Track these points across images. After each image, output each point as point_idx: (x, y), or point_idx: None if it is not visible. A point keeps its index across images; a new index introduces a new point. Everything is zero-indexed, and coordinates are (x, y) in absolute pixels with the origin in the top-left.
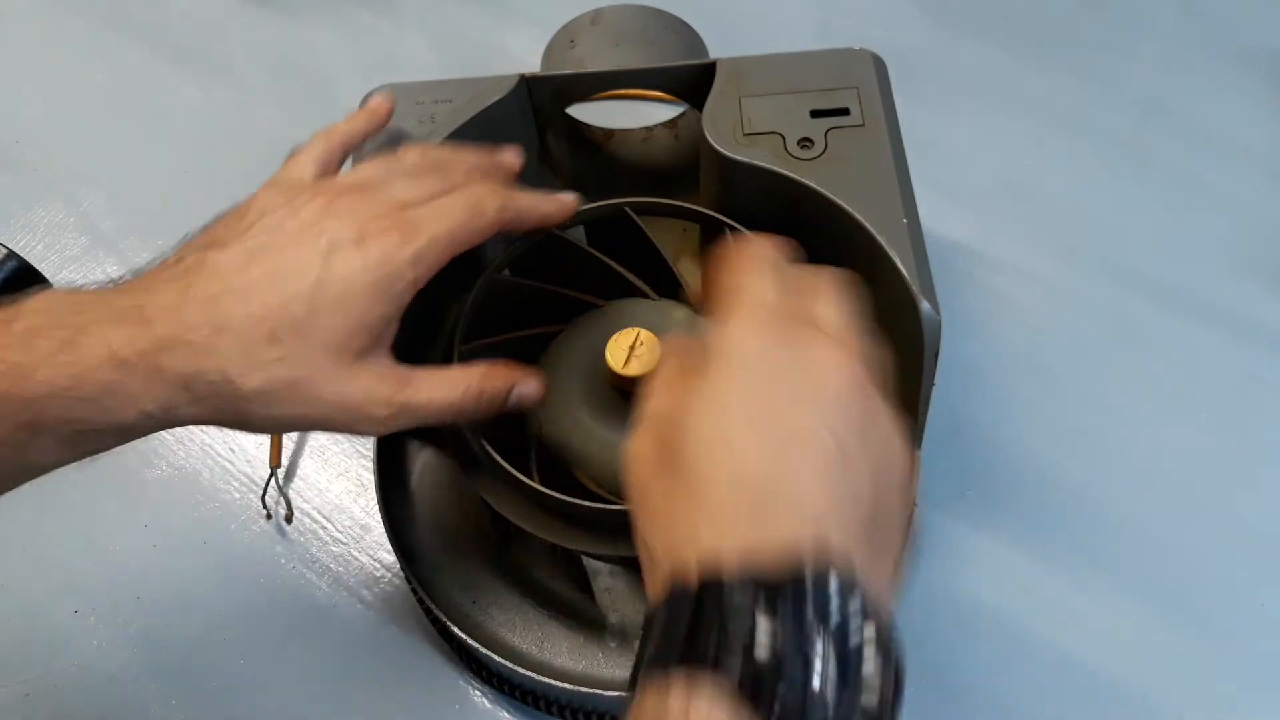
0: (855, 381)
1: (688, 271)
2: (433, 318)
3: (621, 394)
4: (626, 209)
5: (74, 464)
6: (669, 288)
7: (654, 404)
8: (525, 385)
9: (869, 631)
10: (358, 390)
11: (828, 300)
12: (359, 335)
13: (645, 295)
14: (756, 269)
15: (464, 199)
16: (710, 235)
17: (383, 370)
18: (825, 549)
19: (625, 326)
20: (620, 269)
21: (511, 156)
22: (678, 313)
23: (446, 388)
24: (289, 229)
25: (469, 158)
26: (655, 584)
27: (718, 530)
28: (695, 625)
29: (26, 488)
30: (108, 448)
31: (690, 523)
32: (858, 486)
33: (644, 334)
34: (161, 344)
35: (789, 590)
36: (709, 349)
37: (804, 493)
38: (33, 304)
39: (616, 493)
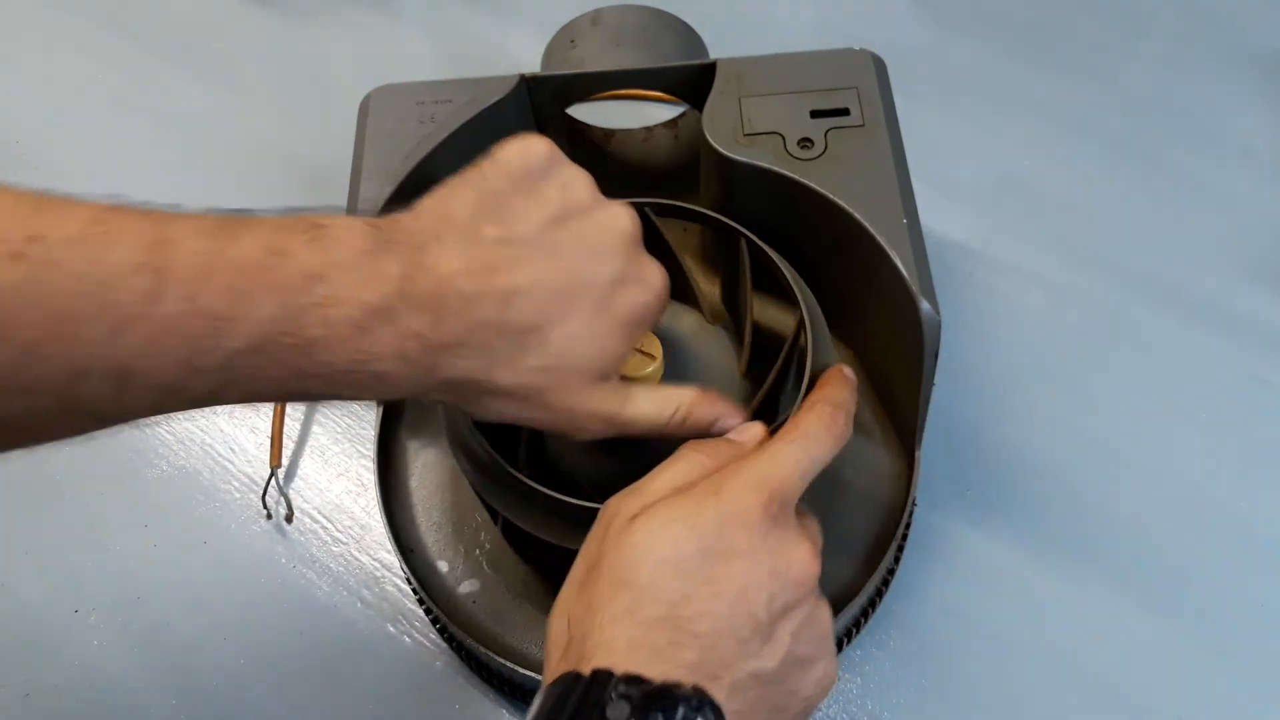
0: (813, 582)
1: (694, 271)
2: None
3: None
4: (646, 210)
5: (75, 462)
6: (680, 291)
7: (656, 492)
8: (730, 419)
9: None
10: (587, 407)
11: (815, 526)
12: (611, 364)
13: None
14: (811, 447)
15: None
16: (714, 236)
17: (611, 389)
18: (705, 695)
19: None
20: None
21: None
22: (688, 317)
23: (656, 408)
24: (589, 242)
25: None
26: (553, 666)
27: (630, 646)
28: (579, 709)
29: (26, 489)
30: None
31: (612, 632)
32: (768, 662)
33: (652, 336)
34: (446, 347)
35: (664, 708)
36: (722, 488)
37: (718, 649)
38: (336, 261)
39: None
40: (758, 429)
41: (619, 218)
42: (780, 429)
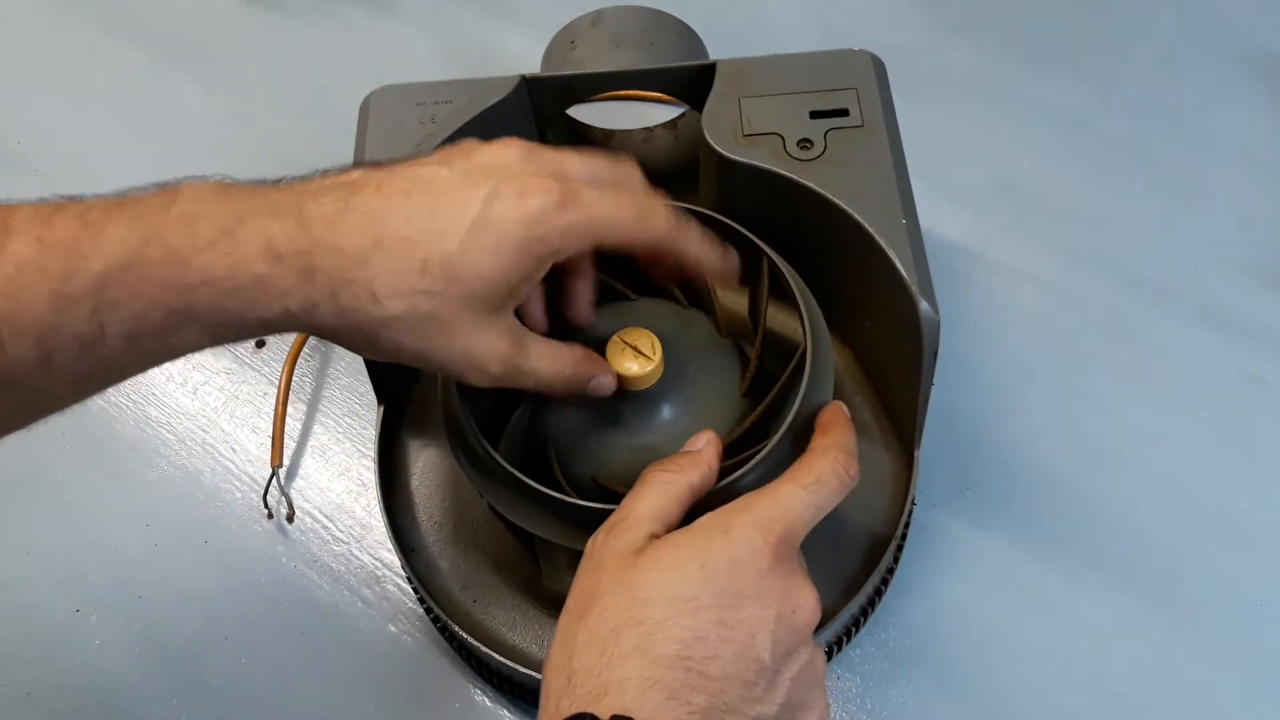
0: (813, 629)
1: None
2: None
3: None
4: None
5: (76, 462)
6: (696, 298)
7: (642, 522)
8: (603, 379)
9: None
10: (484, 343)
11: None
12: (499, 289)
13: (676, 300)
14: (822, 494)
15: (637, 201)
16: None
17: (507, 328)
18: None
19: (642, 325)
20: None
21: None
22: (700, 326)
23: (552, 362)
24: (458, 166)
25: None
26: (554, 696)
27: (643, 685)
28: None
29: (27, 487)
30: (245, 339)
31: (623, 670)
32: (769, 708)
33: (654, 339)
34: (317, 245)
35: None
36: (731, 528)
37: (726, 693)
38: (189, 191)
39: (612, 483)
40: (708, 434)
41: (506, 147)
42: (792, 469)
